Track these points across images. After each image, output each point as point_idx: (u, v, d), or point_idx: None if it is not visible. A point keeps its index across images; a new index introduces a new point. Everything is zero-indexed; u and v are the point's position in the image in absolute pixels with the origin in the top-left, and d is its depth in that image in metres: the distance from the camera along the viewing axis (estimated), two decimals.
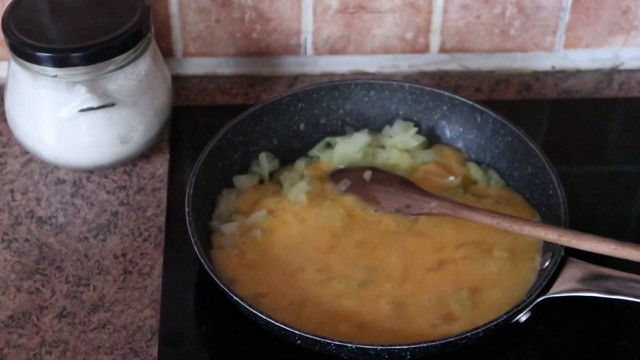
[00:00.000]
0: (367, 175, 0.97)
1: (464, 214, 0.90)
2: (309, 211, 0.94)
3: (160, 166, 1.04)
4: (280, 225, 0.93)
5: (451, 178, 0.99)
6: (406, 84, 1.03)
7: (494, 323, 0.80)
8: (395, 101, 1.04)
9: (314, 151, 1.02)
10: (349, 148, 1.00)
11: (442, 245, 0.92)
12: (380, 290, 0.88)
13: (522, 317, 0.83)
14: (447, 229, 0.93)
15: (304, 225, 0.93)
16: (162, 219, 0.98)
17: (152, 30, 1.00)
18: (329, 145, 1.03)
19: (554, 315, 0.87)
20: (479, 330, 0.80)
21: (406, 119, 1.04)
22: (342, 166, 0.99)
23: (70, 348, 0.86)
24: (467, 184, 0.99)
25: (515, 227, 0.87)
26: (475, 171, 1.00)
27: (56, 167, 1.03)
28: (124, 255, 0.95)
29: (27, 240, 0.96)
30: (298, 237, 0.92)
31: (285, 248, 0.91)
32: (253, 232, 0.92)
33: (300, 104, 1.02)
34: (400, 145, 1.01)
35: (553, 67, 1.20)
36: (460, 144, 1.03)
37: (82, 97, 0.95)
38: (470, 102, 1.01)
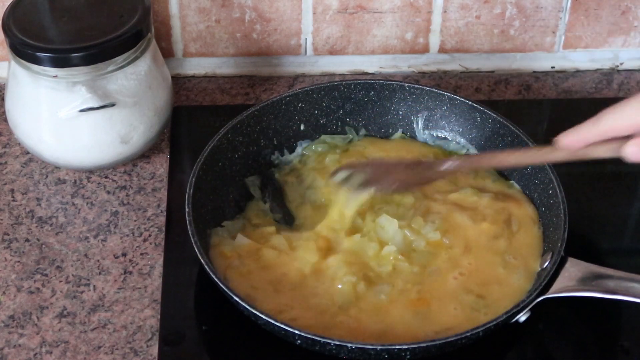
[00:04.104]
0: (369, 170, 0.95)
1: (482, 162, 0.93)
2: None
3: (160, 166, 1.05)
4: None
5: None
6: (406, 84, 1.03)
7: (494, 323, 0.80)
8: (395, 101, 1.04)
9: (308, 148, 1.02)
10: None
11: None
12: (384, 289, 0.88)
13: (522, 317, 0.83)
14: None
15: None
16: (162, 219, 0.98)
17: (152, 30, 1.00)
18: (325, 143, 1.03)
19: (553, 315, 0.87)
20: (478, 330, 0.80)
21: (406, 118, 1.04)
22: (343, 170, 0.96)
23: (71, 348, 0.86)
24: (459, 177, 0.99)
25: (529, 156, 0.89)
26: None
27: (56, 167, 1.04)
28: (124, 255, 0.95)
29: (27, 240, 0.96)
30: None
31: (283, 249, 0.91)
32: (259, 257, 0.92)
33: (300, 104, 1.02)
34: None
35: (552, 67, 1.20)
36: (460, 144, 1.03)
37: (82, 97, 0.95)
38: (470, 102, 1.01)
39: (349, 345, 0.79)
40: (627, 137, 0.78)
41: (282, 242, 0.91)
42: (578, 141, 0.81)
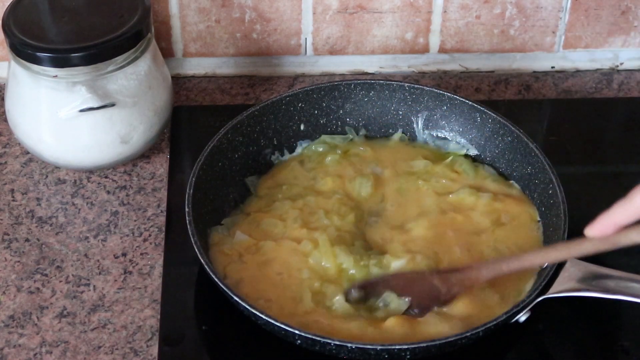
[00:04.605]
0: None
1: (511, 266, 0.86)
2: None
3: (160, 166, 1.05)
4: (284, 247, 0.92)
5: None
6: (406, 84, 1.03)
7: (494, 323, 0.80)
8: (395, 101, 1.04)
9: (308, 148, 1.02)
10: None
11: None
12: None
13: (522, 317, 0.83)
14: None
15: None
16: (162, 219, 0.98)
17: (152, 30, 1.00)
18: (325, 143, 1.03)
19: (553, 315, 0.87)
20: (478, 330, 0.80)
21: (406, 118, 1.04)
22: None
23: (71, 348, 0.86)
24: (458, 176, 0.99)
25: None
26: (466, 167, 1.00)
27: (56, 167, 1.04)
28: (124, 255, 0.95)
29: (27, 240, 0.96)
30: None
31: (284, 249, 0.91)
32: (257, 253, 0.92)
33: (300, 104, 1.02)
34: None
35: (552, 67, 1.20)
36: (460, 144, 1.03)
37: (82, 97, 0.95)
38: (470, 102, 1.01)
39: (349, 345, 0.79)
40: None
41: (276, 222, 0.92)
42: (609, 226, 0.76)
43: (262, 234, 0.92)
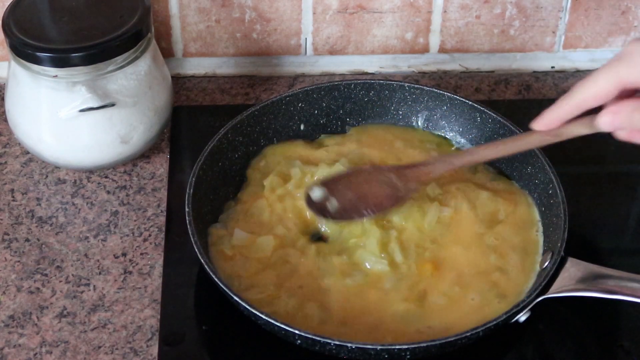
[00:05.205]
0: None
1: (464, 160, 0.90)
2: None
3: (160, 166, 1.05)
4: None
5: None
6: (406, 84, 1.03)
7: (494, 323, 0.80)
8: (395, 101, 1.04)
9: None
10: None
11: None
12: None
13: (522, 317, 0.83)
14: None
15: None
16: (162, 219, 0.98)
17: (152, 30, 1.00)
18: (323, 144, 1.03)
19: (553, 315, 0.87)
20: (478, 330, 0.80)
21: (406, 118, 1.04)
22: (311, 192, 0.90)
23: (71, 348, 0.86)
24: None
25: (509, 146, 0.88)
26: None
27: (56, 167, 1.04)
28: (124, 255, 0.95)
29: (27, 240, 0.96)
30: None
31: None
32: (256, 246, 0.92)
33: (300, 104, 1.02)
34: None
35: (553, 67, 1.20)
36: (460, 144, 1.03)
37: (82, 97, 0.95)
38: (470, 102, 1.01)
39: (349, 345, 0.79)
40: (599, 110, 0.78)
41: (262, 204, 0.93)
42: (554, 120, 0.80)
43: (256, 224, 0.92)
